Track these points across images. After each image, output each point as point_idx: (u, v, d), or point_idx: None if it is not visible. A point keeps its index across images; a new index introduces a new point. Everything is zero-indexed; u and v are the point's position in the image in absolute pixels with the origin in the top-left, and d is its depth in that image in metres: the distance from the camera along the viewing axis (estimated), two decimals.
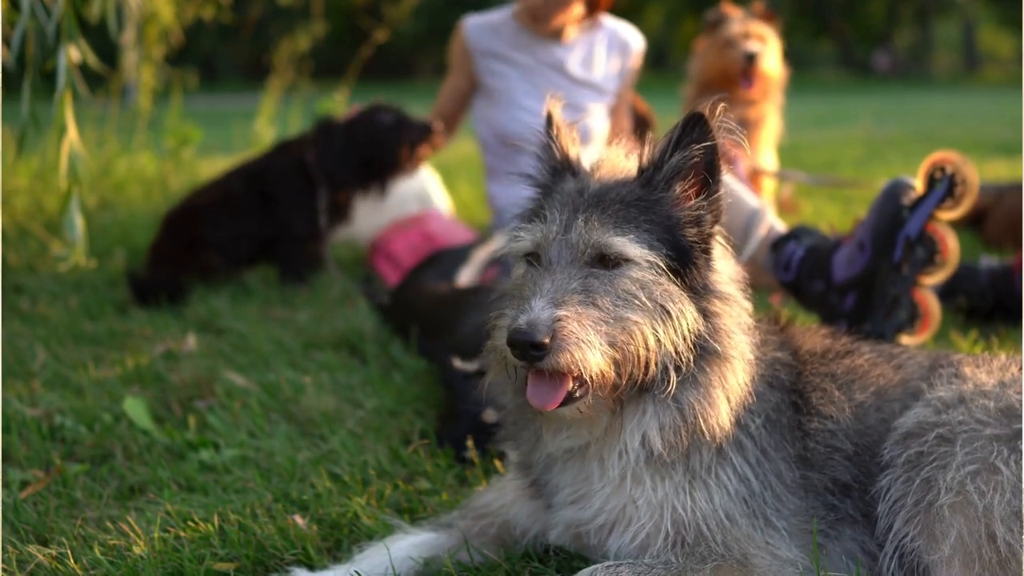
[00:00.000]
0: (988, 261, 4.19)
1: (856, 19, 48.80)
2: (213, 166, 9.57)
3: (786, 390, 2.13)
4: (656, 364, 1.92)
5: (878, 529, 2.00)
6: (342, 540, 2.37)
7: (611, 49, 5.09)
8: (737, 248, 3.69)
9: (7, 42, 3.85)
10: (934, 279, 3.37)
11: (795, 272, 3.63)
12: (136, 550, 2.27)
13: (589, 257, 1.94)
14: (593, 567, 1.93)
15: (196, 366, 3.68)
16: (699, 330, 1.95)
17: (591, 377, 1.86)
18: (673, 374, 1.94)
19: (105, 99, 7.59)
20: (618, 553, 2.03)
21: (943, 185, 3.31)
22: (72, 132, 3.81)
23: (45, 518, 2.52)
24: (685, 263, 1.97)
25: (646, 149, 2.05)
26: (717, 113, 1.96)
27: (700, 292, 1.98)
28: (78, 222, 3.89)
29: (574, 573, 1.95)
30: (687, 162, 1.98)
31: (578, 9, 4.93)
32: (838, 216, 6.37)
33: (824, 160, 10.61)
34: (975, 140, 12.04)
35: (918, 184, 3.38)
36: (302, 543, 2.31)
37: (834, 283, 3.51)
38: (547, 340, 1.81)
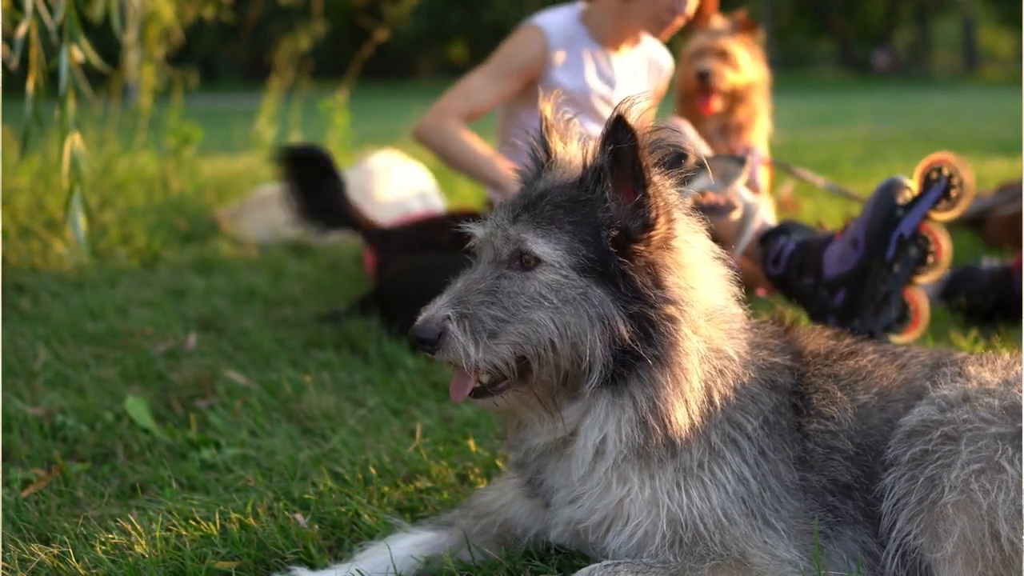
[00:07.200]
0: (989, 262, 4.21)
1: (855, 18, 48.73)
2: (214, 165, 9.59)
3: (787, 392, 2.12)
4: (570, 364, 1.94)
5: (881, 527, 1.99)
6: (343, 539, 2.37)
7: (650, 68, 4.94)
8: (733, 243, 3.74)
9: (9, 41, 3.85)
10: (926, 278, 3.41)
11: (784, 266, 3.66)
12: (137, 549, 2.27)
13: (507, 256, 1.98)
14: (591, 566, 1.93)
15: (197, 365, 3.68)
16: (626, 334, 1.92)
17: (477, 372, 1.95)
18: (596, 375, 1.93)
19: (106, 98, 7.59)
20: (616, 551, 2.03)
21: (939, 186, 3.34)
22: (74, 132, 3.81)
23: (47, 517, 2.52)
24: (608, 266, 1.94)
25: (587, 150, 2.04)
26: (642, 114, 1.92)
27: (630, 296, 1.93)
28: (81, 221, 3.89)
29: (575, 571, 1.95)
30: (605, 163, 1.96)
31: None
32: (839, 214, 6.35)
33: (824, 159, 10.59)
34: (974, 139, 12.03)
35: (913, 184, 3.41)
36: (303, 542, 2.31)
37: (824, 279, 3.54)
38: (435, 337, 1.91)
